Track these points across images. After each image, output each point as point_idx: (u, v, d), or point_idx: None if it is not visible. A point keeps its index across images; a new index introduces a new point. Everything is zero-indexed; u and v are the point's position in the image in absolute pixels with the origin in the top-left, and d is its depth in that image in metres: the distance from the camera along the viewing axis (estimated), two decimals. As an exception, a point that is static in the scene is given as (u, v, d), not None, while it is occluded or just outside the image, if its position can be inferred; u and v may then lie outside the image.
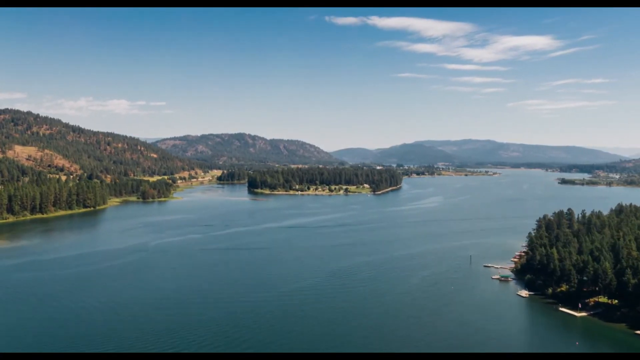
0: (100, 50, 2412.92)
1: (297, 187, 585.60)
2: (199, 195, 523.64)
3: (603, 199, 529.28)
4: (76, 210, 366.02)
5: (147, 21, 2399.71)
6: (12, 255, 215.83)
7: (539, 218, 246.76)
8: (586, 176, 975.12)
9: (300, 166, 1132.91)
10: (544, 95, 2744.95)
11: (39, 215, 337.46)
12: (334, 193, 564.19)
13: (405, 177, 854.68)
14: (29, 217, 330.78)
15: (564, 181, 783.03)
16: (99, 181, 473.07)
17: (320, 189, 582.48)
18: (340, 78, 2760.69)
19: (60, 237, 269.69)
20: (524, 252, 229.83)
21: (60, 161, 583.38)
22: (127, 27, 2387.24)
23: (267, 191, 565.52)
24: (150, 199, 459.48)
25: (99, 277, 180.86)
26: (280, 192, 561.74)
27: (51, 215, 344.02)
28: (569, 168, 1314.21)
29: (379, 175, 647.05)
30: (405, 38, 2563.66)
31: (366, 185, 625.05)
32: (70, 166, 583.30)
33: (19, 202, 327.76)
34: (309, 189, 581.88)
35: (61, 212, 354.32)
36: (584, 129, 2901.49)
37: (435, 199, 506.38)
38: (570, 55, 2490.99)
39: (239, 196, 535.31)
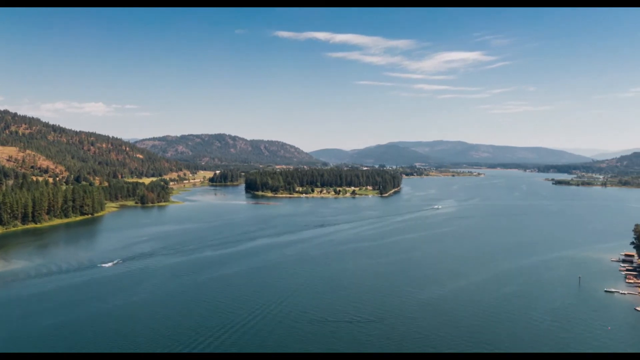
0: (79, 53, 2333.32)
1: (299, 189, 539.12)
2: (198, 199, 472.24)
3: (623, 201, 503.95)
4: (73, 219, 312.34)
5: (126, 24, 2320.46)
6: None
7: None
8: (565, 176, 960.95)
9: (284, 167, 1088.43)
10: (490, 101, 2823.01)
11: (31, 225, 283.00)
12: (340, 195, 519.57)
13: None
14: (20, 227, 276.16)
15: (558, 182, 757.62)
16: (95, 185, 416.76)
17: (325, 192, 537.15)
18: (307, 83, 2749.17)
19: (58, 256, 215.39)
20: (629, 268, 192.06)
21: (43, 162, 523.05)
22: (105, 30, 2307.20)
23: (269, 194, 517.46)
24: (150, 204, 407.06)
25: (111, 328, 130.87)
26: (283, 195, 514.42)
27: (45, 224, 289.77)
28: (547, 168, 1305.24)
29: (381, 177, 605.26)
30: (353, 52, 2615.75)
31: (369, 187, 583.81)
32: (55, 167, 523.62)
33: (9, 210, 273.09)
34: (313, 191, 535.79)
35: (56, 221, 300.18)
36: (537, 130, 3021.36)
37: (448, 202, 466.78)
38: (500, 68, 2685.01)
39: (241, 199, 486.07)
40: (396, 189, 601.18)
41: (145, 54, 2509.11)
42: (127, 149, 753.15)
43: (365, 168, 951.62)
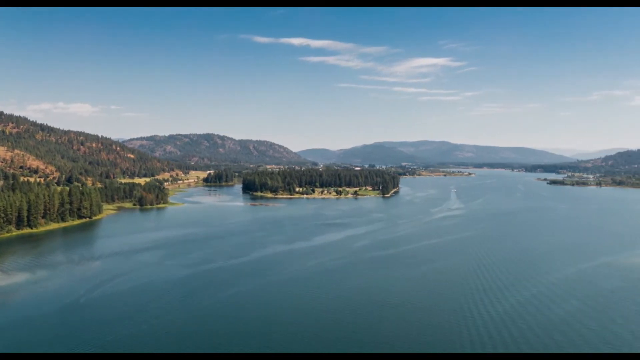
0: (64, 54, 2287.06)
1: (299, 189, 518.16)
2: (197, 200, 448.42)
3: (630, 202, 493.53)
4: (70, 223, 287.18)
5: (111, 26, 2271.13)
6: None
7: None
8: (554, 176, 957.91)
9: (274, 167, 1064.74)
10: (463, 103, 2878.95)
11: (26, 230, 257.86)
12: (341, 196, 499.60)
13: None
14: (14, 232, 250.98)
15: (552, 182, 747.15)
16: (91, 186, 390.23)
17: (326, 192, 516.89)
18: (288, 84, 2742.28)
19: (62, 268, 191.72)
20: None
21: (33, 162, 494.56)
22: (90, 31, 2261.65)
23: (268, 194, 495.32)
24: (149, 206, 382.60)
25: None
26: (283, 196, 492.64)
27: (42, 229, 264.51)
28: (534, 168, 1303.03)
29: (381, 177, 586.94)
30: (329, 57, 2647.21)
31: (368, 188, 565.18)
32: (46, 168, 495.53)
33: (2, 215, 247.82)
34: (313, 191, 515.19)
35: (53, 225, 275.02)
36: (514, 131, 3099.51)
37: (454, 204, 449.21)
38: (470, 72, 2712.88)
39: (241, 201, 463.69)
40: (395, 190, 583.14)
41: (131, 56, 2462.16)
42: (118, 148, 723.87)
43: (358, 168, 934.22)
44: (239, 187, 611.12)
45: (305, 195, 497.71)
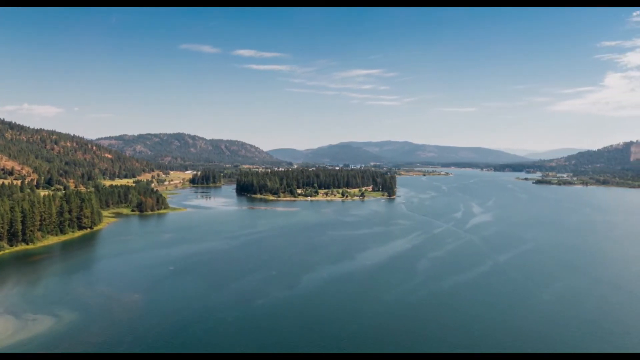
0: (30, 54, 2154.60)
1: (300, 191, 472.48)
2: (196, 204, 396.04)
3: None
4: (70, 235, 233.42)
5: (64, 27, 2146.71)
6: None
7: None
8: (524, 174, 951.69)
9: (249, 166, 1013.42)
10: (405, 108, 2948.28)
11: (22, 247, 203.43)
12: (347, 198, 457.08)
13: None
14: (7, 250, 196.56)
15: (538, 182, 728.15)
16: (89, 191, 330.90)
17: (330, 194, 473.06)
18: (244, 87, 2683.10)
19: (83, 303, 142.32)
20: None
21: (7, 163, 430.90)
22: (58, 32, 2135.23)
23: (270, 197, 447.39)
24: (149, 211, 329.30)
25: None
26: (285, 198, 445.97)
27: (39, 245, 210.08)
28: (502, 167, 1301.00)
29: (381, 178, 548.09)
30: (276, 65, 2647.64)
31: (368, 188, 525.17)
32: (21, 169, 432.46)
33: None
34: (317, 193, 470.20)
35: (52, 239, 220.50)
36: (463, 132, 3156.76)
37: (473, 207, 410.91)
38: (404, 81, 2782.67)
39: (244, 204, 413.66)
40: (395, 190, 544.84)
41: (95, 58, 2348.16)
42: (95, 148, 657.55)
43: (337, 168, 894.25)
44: (227, 187, 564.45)
45: (309, 198, 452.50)
